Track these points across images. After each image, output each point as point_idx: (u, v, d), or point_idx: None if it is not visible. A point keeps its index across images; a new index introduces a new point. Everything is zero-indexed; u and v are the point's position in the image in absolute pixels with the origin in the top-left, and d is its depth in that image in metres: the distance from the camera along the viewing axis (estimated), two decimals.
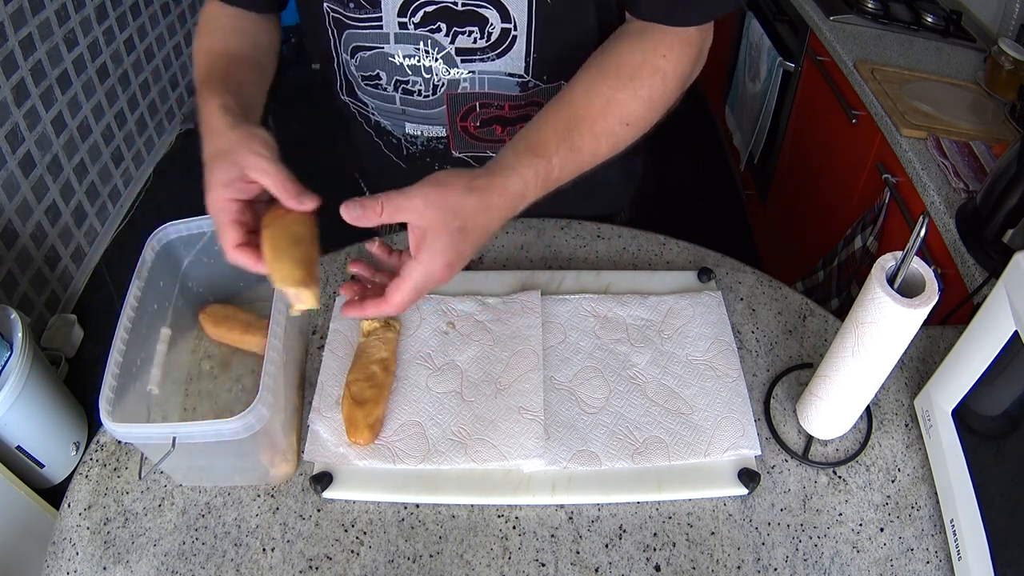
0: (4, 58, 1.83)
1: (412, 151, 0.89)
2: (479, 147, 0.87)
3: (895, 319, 0.57)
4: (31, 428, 1.58)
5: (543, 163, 0.61)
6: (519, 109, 0.82)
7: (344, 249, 0.93)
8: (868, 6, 1.66)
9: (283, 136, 0.64)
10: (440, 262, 0.56)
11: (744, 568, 0.64)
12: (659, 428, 0.71)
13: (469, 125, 0.83)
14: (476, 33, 0.73)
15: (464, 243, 0.57)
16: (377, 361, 0.75)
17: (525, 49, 0.75)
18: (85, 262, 2.26)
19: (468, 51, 0.75)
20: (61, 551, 0.66)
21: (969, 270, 1.04)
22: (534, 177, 0.61)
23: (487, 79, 0.78)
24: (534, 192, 0.61)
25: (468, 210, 0.56)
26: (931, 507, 0.68)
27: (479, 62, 0.76)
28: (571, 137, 0.63)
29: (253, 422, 0.59)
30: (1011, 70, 1.37)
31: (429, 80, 0.78)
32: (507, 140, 0.78)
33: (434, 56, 0.76)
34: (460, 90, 0.79)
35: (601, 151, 0.66)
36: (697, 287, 0.86)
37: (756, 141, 2.07)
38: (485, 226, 0.58)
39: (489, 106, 0.81)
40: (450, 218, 0.55)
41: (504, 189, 0.59)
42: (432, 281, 0.57)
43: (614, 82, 0.66)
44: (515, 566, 0.64)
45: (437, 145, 0.87)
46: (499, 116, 0.82)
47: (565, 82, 0.75)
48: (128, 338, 0.67)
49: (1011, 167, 0.95)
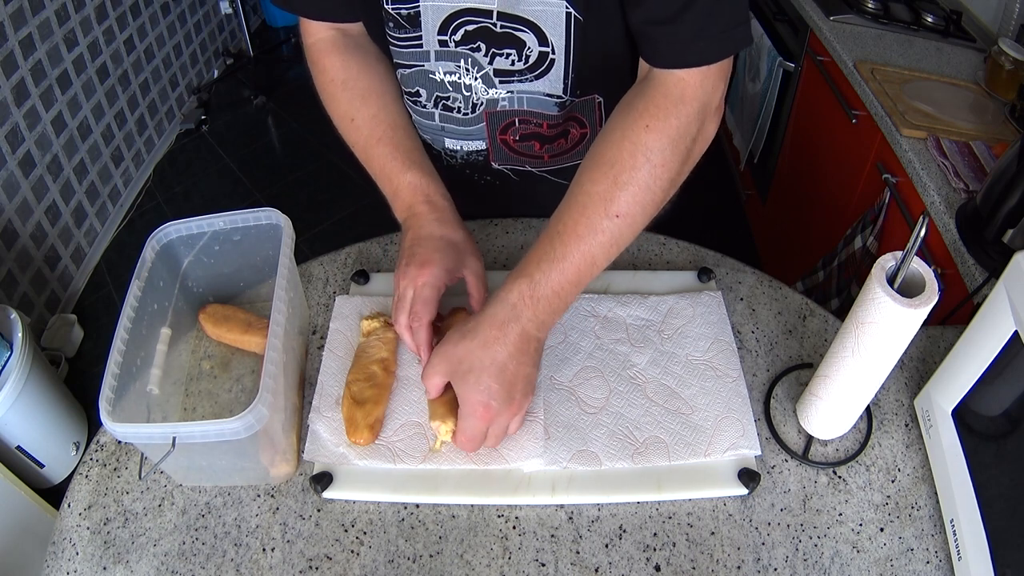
0: (4, 58, 1.83)
1: (452, 163, 0.89)
2: (519, 160, 0.87)
3: (895, 319, 0.57)
4: (31, 428, 1.58)
5: (525, 281, 0.63)
6: (556, 127, 0.82)
7: (344, 249, 0.93)
8: (868, 6, 1.66)
9: (283, 136, 0.64)
10: (470, 404, 0.62)
11: (744, 568, 0.64)
12: (659, 428, 0.71)
13: (509, 139, 0.84)
14: (514, 56, 0.73)
15: (482, 380, 0.62)
16: (377, 361, 0.75)
17: (564, 72, 0.74)
18: (85, 262, 2.26)
19: (506, 72, 0.75)
20: (61, 551, 0.66)
21: (969, 270, 1.04)
22: (518, 296, 0.62)
23: (526, 98, 0.78)
24: (528, 309, 0.63)
25: (466, 354, 0.62)
26: (931, 507, 0.68)
27: (517, 83, 0.76)
28: (553, 250, 0.63)
29: (253, 422, 0.59)
30: (1011, 70, 1.37)
31: (468, 98, 0.79)
32: (545, 157, 0.85)
33: (474, 75, 0.76)
34: (499, 108, 0.79)
35: (595, 251, 0.63)
36: (697, 287, 0.86)
37: (756, 141, 2.07)
38: (493, 359, 0.62)
39: (528, 123, 0.81)
40: (457, 366, 0.63)
41: (493, 318, 0.63)
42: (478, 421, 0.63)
43: (594, 174, 0.64)
44: (515, 566, 0.64)
45: (477, 158, 0.88)
46: (538, 133, 0.83)
47: (600, 96, 0.79)
48: (128, 338, 0.66)
49: (1011, 167, 0.95)
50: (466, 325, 0.64)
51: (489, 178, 0.90)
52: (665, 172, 0.63)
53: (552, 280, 0.62)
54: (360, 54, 0.80)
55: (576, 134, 0.84)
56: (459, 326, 0.65)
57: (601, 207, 0.62)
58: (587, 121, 0.83)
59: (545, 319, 0.64)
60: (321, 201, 2.00)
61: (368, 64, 0.80)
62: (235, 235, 0.78)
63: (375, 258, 0.92)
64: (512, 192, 0.92)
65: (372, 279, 0.88)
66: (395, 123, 0.77)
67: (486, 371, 0.62)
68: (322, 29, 0.80)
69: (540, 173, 0.89)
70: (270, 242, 0.78)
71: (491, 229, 0.94)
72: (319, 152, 2.62)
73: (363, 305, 0.83)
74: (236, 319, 0.81)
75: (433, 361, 0.64)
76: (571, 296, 0.64)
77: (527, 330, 0.63)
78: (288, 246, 0.74)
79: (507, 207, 0.96)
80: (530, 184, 0.91)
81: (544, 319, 0.64)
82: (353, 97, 0.77)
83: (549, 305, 0.63)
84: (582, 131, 0.84)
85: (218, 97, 3.03)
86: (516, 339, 0.62)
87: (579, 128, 0.84)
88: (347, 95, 0.77)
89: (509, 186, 0.91)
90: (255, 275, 0.82)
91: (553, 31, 0.70)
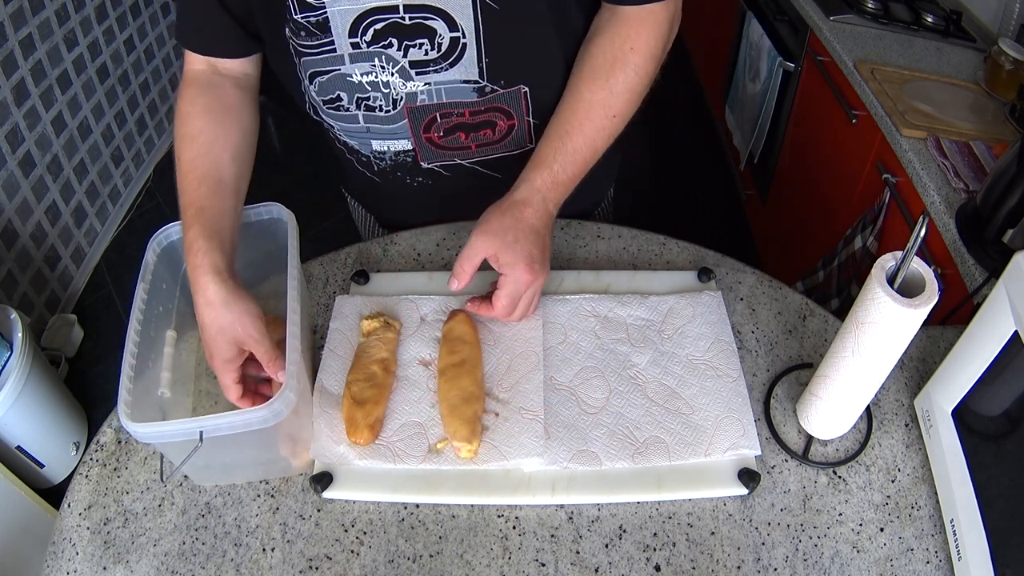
0: (4, 58, 1.83)
1: (382, 166, 0.90)
2: (446, 155, 0.88)
3: (895, 319, 0.57)
4: (31, 428, 1.58)
5: (546, 170, 0.75)
6: (480, 115, 0.83)
7: (344, 249, 0.93)
8: (868, 6, 1.65)
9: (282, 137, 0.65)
10: (521, 267, 0.72)
11: (744, 568, 0.64)
12: (659, 428, 0.71)
13: (433, 136, 0.84)
14: (427, 45, 0.75)
15: (526, 246, 0.72)
16: (377, 361, 0.75)
17: (476, 55, 0.76)
18: (85, 262, 2.26)
19: (421, 63, 0.76)
20: (61, 551, 0.66)
21: (969, 270, 1.04)
22: (542, 183, 0.75)
23: (443, 89, 0.79)
24: (551, 192, 0.75)
25: (510, 225, 0.72)
26: (931, 507, 0.68)
27: (433, 73, 0.77)
28: (565, 145, 0.75)
29: (281, 408, 0.59)
30: (1011, 70, 1.37)
31: (388, 95, 0.79)
32: (472, 147, 0.87)
33: (390, 71, 0.77)
34: (419, 103, 0.80)
35: (599, 146, 0.77)
36: (697, 287, 0.86)
37: (756, 141, 2.07)
38: (532, 228, 0.73)
39: (449, 115, 0.82)
40: (503, 237, 0.72)
41: (523, 201, 0.74)
42: (523, 283, 0.73)
43: (590, 84, 0.76)
44: (515, 566, 0.64)
45: (405, 159, 0.88)
46: (461, 123, 0.83)
47: (526, 86, 0.81)
48: (139, 341, 0.67)
49: (1011, 167, 0.95)
50: (500, 206, 0.74)
51: (420, 179, 0.91)
52: (646, 84, 0.78)
53: (567, 169, 0.76)
54: (216, 94, 0.80)
55: (503, 126, 0.85)
56: (494, 209, 0.74)
57: (602, 111, 0.76)
58: (514, 112, 0.84)
59: (559, 200, 0.77)
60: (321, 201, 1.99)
61: (214, 107, 0.79)
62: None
63: (375, 258, 0.92)
64: (445, 193, 0.92)
65: (372, 279, 0.88)
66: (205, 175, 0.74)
67: (527, 238, 0.72)
68: (197, 61, 0.82)
69: (470, 165, 0.90)
70: (271, 238, 0.78)
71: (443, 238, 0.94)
72: (319, 153, 2.62)
73: (363, 305, 0.83)
74: None
75: (477, 240, 0.72)
76: (578, 180, 0.78)
77: (549, 209, 0.76)
78: (294, 237, 0.74)
79: (441, 209, 0.96)
80: (461, 180, 0.91)
81: (559, 199, 0.77)
82: (184, 135, 0.77)
83: (565, 189, 0.77)
84: (509, 123, 0.85)
85: None
86: (544, 215, 0.75)
87: (506, 120, 0.84)
88: (182, 130, 0.77)
89: (441, 185, 0.91)
90: (256, 272, 0.82)
91: (461, 14, 0.73)
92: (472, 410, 0.71)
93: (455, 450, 0.69)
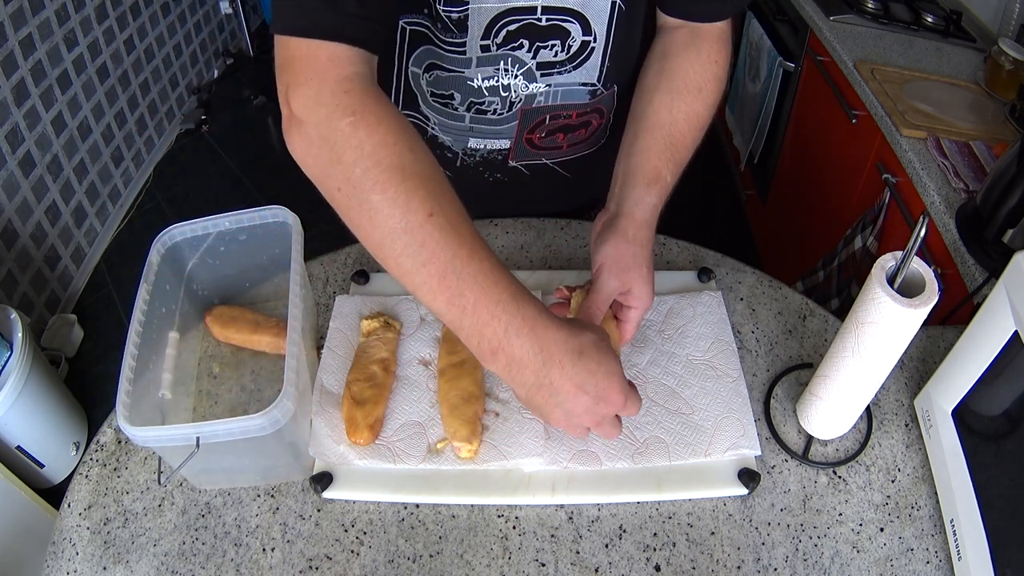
0: (4, 58, 1.83)
1: (468, 163, 0.89)
2: (536, 155, 0.88)
3: (895, 319, 0.57)
4: (31, 428, 1.58)
5: (661, 186, 0.72)
6: (584, 116, 0.84)
7: (344, 249, 0.93)
8: (868, 6, 1.66)
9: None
10: (649, 298, 0.70)
11: (744, 568, 0.64)
12: (659, 428, 0.71)
13: (534, 137, 0.85)
14: (558, 47, 0.75)
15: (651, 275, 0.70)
16: (377, 361, 0.75)
17: (601, 59, 0.77)
18: (85, 262, 2.26)
19: (548, 65, 0.77)
20: (61, 551, 0.66)
21: (969, 270, 1.04)
22: (659, 200, 0.72)
23: (561, 91, 0.79)
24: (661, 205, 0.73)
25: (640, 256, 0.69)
26: (931, 507, 0.68)
27: (557, 75, 0.78)
28: (675, 157, 0.73)
29: (279, 417, 0.59)
30: (1011, 70, 1.37)
31: (506, 98, 0.79)
32: (564, 147, 0.88)
33: (514, 73, 0.77)
34: (535, 104, 0.80)
35: (689, 156, 0.76)
36: (697, 287, 0.86)
37: (756, 141, 2.07)
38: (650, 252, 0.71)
39: (558, 116, 0.83)
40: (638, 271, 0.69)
41: (644, 223, 0.71)
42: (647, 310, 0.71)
43: (689, 98, 0.74)
44: (515, 566, 0.64)
45: (496, 157, 0.88)
46: (566, 124, 0.84)
47: (617, 86, 0.82)
48: (140, 342, 0.67)
49: (1011, 167, 0.95)
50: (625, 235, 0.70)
51: (499, 175, 0.90)
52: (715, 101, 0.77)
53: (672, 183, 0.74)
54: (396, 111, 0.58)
55: (595, 125, 0.86)
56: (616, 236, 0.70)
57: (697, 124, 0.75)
58: (606, 110, 0.85)
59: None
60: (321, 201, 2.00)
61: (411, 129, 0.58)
62: (241, 235, 0.78)
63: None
64: (517, 190, 0.92)
65: (372, 279, 0.88)
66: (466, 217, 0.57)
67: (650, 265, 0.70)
68: (356, 61, 0.56)
69: (552, 165, 0.90)
70: (275, 241, 0.78)
71: (491, 229, 0.94)
72: None
73: (363, 305, 0.83)
74: (244, 319, 0.81)
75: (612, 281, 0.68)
76: None
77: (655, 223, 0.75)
78: (298, 242, 0.74)
79: (509, 206, 0.96)
80: (537, 178, 0.91)
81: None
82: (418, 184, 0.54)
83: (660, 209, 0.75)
84: (600, 121, 0.86)
85: (218, 97, 3.02)
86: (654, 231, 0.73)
87: (599, 119, 0.86)
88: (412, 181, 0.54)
89: (517, 184, 0.91)
90: (260, 275, 0.82)
91: (597, 19, 0.73)
92: (472, 410, 0.71)
93: (455, 450, 0.69)
